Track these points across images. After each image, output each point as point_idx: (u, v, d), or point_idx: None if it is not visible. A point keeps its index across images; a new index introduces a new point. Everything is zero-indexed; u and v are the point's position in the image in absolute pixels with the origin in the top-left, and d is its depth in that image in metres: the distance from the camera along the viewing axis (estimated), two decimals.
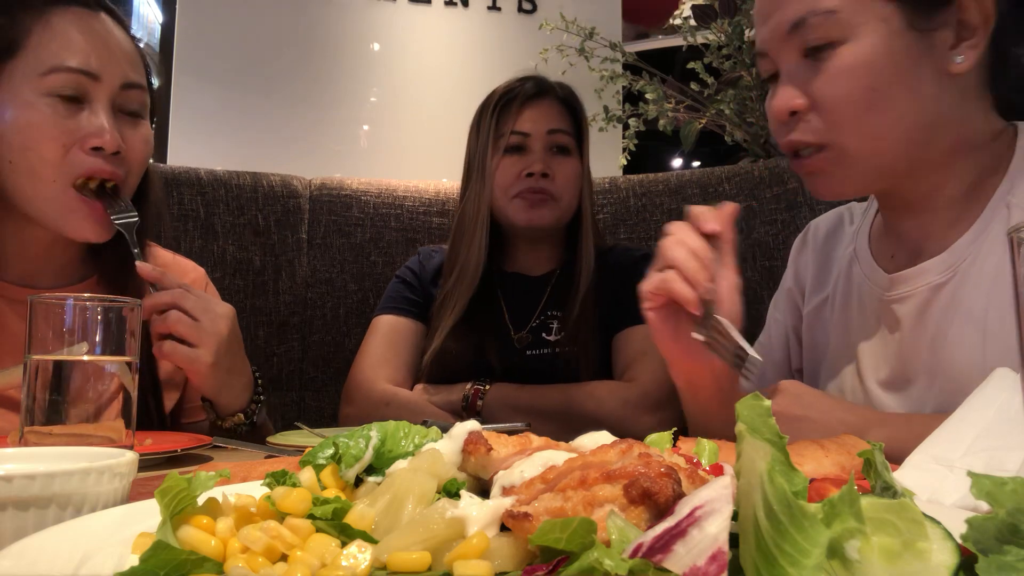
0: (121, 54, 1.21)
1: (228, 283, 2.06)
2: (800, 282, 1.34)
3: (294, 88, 3.28)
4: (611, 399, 1.57)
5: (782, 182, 2.01)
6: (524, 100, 1.71)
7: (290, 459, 0.90)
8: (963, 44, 0.99)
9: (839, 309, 1.22)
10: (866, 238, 1.21)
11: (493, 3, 3.52)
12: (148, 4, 5.51)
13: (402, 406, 1.61)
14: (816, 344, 1.27)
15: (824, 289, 1.27)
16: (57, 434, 0.85)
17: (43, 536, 0.46)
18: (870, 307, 1.15)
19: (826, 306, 1.26)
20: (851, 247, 1.23)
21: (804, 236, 1.37)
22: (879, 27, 0.97)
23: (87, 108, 1.16)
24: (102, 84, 1.17)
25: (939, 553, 0.37)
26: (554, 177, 1.68)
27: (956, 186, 1.06)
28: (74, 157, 1.15)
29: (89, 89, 1.16)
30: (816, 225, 1.36)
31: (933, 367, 1.04)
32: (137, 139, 1.23)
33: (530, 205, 1.68)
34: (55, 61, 1.14)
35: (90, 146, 1.15)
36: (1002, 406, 0.73)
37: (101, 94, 1.17)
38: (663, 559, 0.35)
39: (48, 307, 0.88)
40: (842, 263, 1.24)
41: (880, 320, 1.13)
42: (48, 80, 1.13)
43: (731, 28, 2.46)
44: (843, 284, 1.22)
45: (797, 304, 1.34)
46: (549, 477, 0.48)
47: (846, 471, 0.72)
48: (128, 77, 1.21)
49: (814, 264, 1.31)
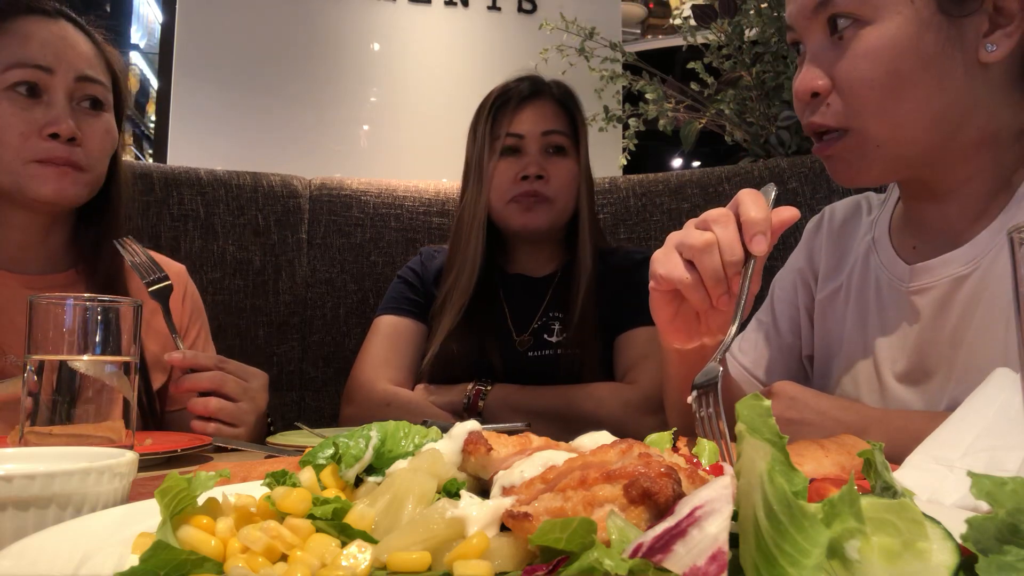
0: (75, 51, 1.33)
1: (228, 283, 2.06)
2: (813, 265, 1.29)
3: (294, 88, 3.28)
4: (612, 401, 1.57)
5: (782, 182, 2.01)
6: (519, 101, 1.70)
7: (290, 459, 0.90)
8: (998, 32, 0.95)
9: (854, 300, 1.19)
10: (886, 228, 1.18)
11: (493, 3, 3.52)
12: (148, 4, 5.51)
13: (403, 406, 1.61)
14: (828, 333, 1.24)
15: (838, 277, 1.23)
16: (57, 434, 0.85)
17: (43, 536, 0.46)
18: (889, 299, 1.12)
19: (839, 295, 1.22)
20: (869, 236, 1.20)
21: (820, 219, 1.33)
22: (907, 9, 0.94)
23: (44, 100, 1.29)
24: (56, 76, 1.29)
25: (939, 553, 0.37)
26: (549, 179, 1.68)
27: (982, 179, 1.02)
28: (33, 143, 1.27)
29: (45, 81, 1.28)
30: (833, 210, 1.32)
31: (953, 361, 1.02)
32: (96, 128, 1.33)
33: (524, 209, 1.67)
34: (13, 59, 1.27)
35: (47, 133, 1.27)
36: (1002, 406, 0.73)
37: (57, 86, 1.29)
38: (663, 559, 0.35)
39: (48, 307, 0.88)
40: (859, 252, 1.21)
41: (899, 312, 1.10)
42: (8, 75, 1.26)
43: (731, 28, 2.46)
44: (859, 274, 1.19)
45: (810, 285, 1.29)
46: (549, 477, 0.48)
47: (846, 471, 0.72)
48: (82, 71, 1.32)
49: (828, 249, 1.27)
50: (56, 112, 1.28)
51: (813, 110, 1.02)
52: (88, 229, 1.42)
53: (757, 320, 1.35)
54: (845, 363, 1.18)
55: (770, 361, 1.30)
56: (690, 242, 0.90)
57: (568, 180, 1.70)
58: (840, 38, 0.98)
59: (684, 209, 2.10)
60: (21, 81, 1.27)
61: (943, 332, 1.03)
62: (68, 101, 1.30)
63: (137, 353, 0.93)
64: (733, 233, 0.89)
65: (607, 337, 1.70)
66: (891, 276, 1.12)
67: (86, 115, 1.33)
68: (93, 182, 1.36)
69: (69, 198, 1.33)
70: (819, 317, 1.26)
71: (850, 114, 0.98)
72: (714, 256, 0.89)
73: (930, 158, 1.01)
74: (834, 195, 1.93)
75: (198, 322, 1.60)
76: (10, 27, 1.29)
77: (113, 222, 1.43)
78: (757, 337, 1.33)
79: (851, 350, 1.17)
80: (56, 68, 1.29)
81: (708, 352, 0.99)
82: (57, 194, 1.30)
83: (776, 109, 2.37)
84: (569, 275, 1.72)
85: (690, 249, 0.90)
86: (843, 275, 1.23)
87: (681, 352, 1.07)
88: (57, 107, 1.28)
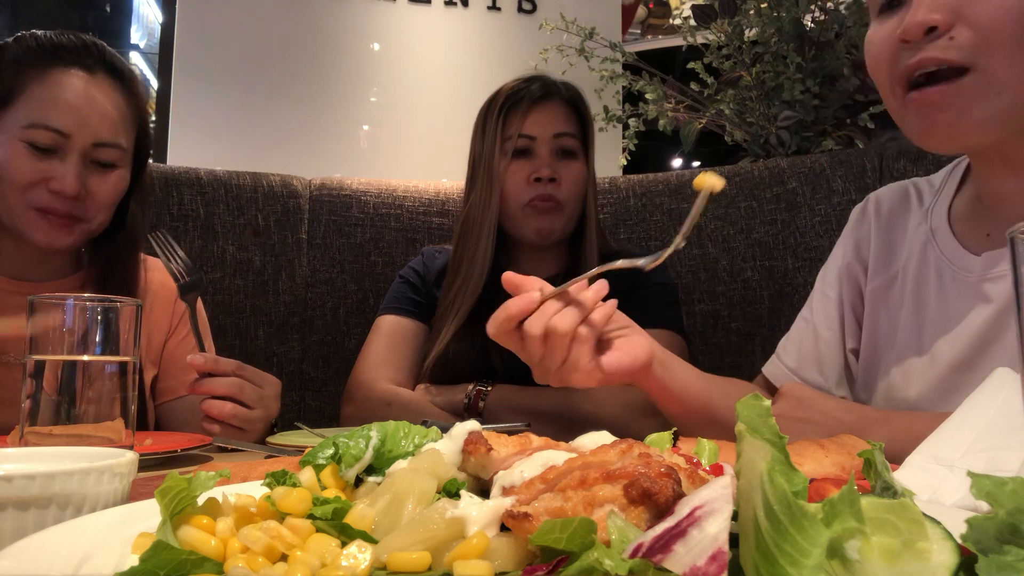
0: (100, 116, 1.35)
1: (228, 283, 2.06)
2: (862, 257, 1.25)
3: (294, 88, 3.28)
4: (612, 402, 1.57)
5: (782, 182, 2.01)
6: (531, 102, 1.69)
7: (290, 459, 0.90)
8: None
9: (911, 293, 1.14)
10: (944, 217, 1.13)
11: (493, 3, 3.52)
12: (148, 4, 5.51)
13: (403, 406, 1.60)
14: (879, 326, 1.19)
15: (891, 268, 1.19)
16: (57, 434, 0.85)
17: (43, 536, 0.46)
18: (953, 292, 1.08)
19: (894, 288, 1.18)
20: (925, 226, 1.15)
21: (864, 208, 1.28)
22: None
23: (58, 157, 1.32)
24: (73, 141, 1.32)
25: (939, 553, 0.37)
26: (560, 182, 1.67)
27: None
28: (37, 192, 1.31)
29: (61, 144, 1.32)
30: (878, 198, 1.27)
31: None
32: (104, 186, 1.37)
33: (540, 214, 1.67)
34: (36, 118, 1.31)
35: (52, 188, 1.31)
36: (1002, 406, 0.73)
37: (72, 148, 1.33)
38: (663, 559, 0.35)
39: (48, 307, 0.88)
40: (914, 243, 1.16)
41: (965, 303, 1.05)
42: (28, 132, 1.30)
43: (731, 28, 2.46)
44: (916, 266, 1.14)
45: (857, 280, 1.24)
46: (549, 477, 0.48)
47: (846, 471, 0.72)
48: (100, 137, 1.35)
49: (877, 240, 1.22)
50: (65, 171, 1.31)
51: (920, 48, 0.94)
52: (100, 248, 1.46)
53: (801, 318, 1.32)
54: (898, 354, 1.14)
55: (814, 359, 1.26)
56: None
57: (578, 184, 1.70)
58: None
59: (684, 209, 2.10)
60: (38, 140, 1.30)
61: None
62: (81, 160, 1.33)
63: (137, 353, 0.93)
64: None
65: None
66: (955, 269, 1.08)
67: (94, 173, 1.36)
68: (91, 231, 1.39)
69: (60, 247, 1.37)
70: (870, 308, 1.22)
71: (980, 49, 0.91)
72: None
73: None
74: (834, 196, 1.93)
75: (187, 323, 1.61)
76: (45, 77, 1.32)
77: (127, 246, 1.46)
78: (800, 336, 1.29)
79: (905, 341, 1.13)
80: (75, 134, 1.32)
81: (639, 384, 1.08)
82: (49, 243, 1.34)
83: (776, 109, 2.37)
84: (572, 278, 1.72)
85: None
86: (897, 265, 1.18)
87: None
88: (67, 167, 1.31)
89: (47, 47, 1.34)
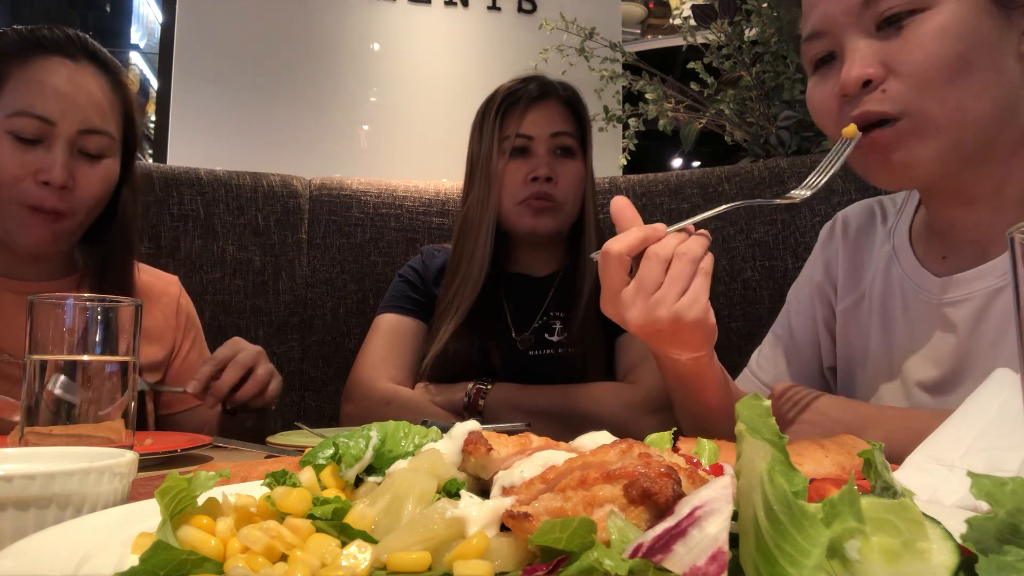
0: (87, 103, 1.33)
1: (228, 283, 2.06)
2: (831, 276, 1.27)
3: (294, 88, 3.28)
4: (613, 401, 1.57)
5: (782, 182, 2.01)
6: (528, 102, 1.70)
7: (290, 459, 0.90)
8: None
9: (877, 311, 1.17)
10: (906, 237, 1.16)
11: (493, 3, 3.52)
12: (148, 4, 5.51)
13: (403, 405, 1.61)
14: (851, 345, 1.22)
15: (858, 288, 1.21)
16: (57, 434, 0.85)
17: (43, 536, 0.46)
18: (917, 311, 1.10)
19: (861, 307, 1.20)
20: (888, 246, 1.18)
21: (832, 227, 1.30)
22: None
23: (44, 146, 1.30)
24: (59, 128, 1.30)
25: (939, 553, 0.37)
26: (558, 181, 1.67)
27: (1016, 184, 1.01)
28: (26, 186, 1.29)
29: (46, 132, 1.29)
30: (845, 217, 1.29)
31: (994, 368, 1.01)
32: (91, 176, 1.35)
33: (534, 212, 1.67)
34: (21, 106, 1.28)
35: (40, 179, 1.29)
36: (1002, 406, 0.73)
37: (58, 135, 1.30)
38: (663, 559, 0.35)
39: (48, 307, 0.88)
40: (878, 262, 1.19)
41: (930, 323, 1.08)
42: (12, 121, 1.28)
43: (731, 28, 2.46)
44: (880, 285, 1.17)
45: (829, 298, 1.27)
46: (549, 477, 0.48)
47: (846, 471, 0.72)
48: (88, 124, 1.33)
49: (845, 259, 1.25)
50: (51, 160, 1.29)
51: (858, 102, 0.99)
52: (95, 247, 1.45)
53: (774, 335, 1.33)
54: (871, 373, 1.16)
55: (791, 376, 1.27)
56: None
57: (575, 183, 1.70)
58: (899, 28, 0.96)
59: (684, 209, 2.10)
60: (23, 129, 1.28)
61: (983, 342, 1.01)
62: (68, 149, 1.31)
63: (137, 353, 0.93)
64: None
65: (608, 337, 1.70)
66: (917, 287, 1.10)
67: (82, 163, 1.33)
68: (76, 229, 1.38)
69: (48, 250, 1.36)
70: (841, 328, 1.24)
71: (911, 97, 0.96)
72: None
73: (979, 151, 0.99)
74: (833, 196, 1.93)
75: (192, 333, 1.63)
76: (29, 66, 1.30)
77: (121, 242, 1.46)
78: (775, 353, 1.30)
79: (876, 360, 1.15)
80: (60, 121, 1.30)
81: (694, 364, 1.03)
82: (38, 246, 1.34)
83: (776, 109, 2.37)
84: (571, 275, 1.72)
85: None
86: (864, 285, 1.21)
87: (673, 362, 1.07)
88: (54, 155, 1.29)
89: (29, 39, 1.33)
